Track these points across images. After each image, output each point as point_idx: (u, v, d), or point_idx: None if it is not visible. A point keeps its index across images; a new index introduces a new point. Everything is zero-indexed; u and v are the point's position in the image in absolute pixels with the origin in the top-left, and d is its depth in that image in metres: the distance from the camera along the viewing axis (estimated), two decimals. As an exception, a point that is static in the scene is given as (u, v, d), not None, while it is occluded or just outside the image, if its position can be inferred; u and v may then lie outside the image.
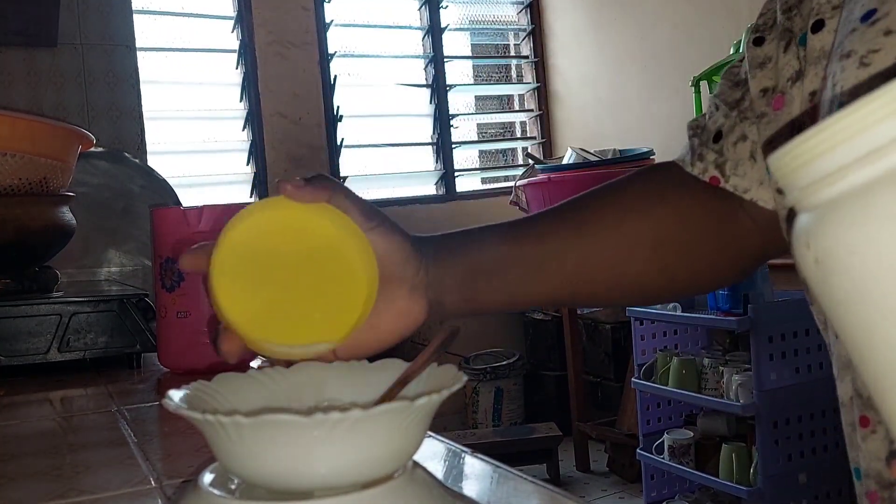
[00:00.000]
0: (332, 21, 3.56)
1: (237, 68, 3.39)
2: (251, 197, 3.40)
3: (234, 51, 3.38)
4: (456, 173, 3.88)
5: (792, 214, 0.29)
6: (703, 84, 2.77)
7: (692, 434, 2.37)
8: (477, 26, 4.11)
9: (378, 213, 0.52)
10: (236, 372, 0.47)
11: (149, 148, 2.51)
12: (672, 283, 0.61)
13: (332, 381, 0.48)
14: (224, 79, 3.38)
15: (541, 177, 3.02)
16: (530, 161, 3.58)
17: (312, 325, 0.49)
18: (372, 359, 0.49)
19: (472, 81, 4.10)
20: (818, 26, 0.53)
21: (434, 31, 3.84)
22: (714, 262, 0.61)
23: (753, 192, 0.56)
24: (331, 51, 3.55)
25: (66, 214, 1.14)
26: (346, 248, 0.49)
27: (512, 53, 4.20)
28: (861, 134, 0.25)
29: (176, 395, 0.42)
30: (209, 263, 0.48)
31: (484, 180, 4.07)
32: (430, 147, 3.89)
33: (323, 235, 0.49)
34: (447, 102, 3.86)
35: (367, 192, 3.68)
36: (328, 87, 3.54)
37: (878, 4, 0.47)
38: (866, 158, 0.25)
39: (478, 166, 4.11)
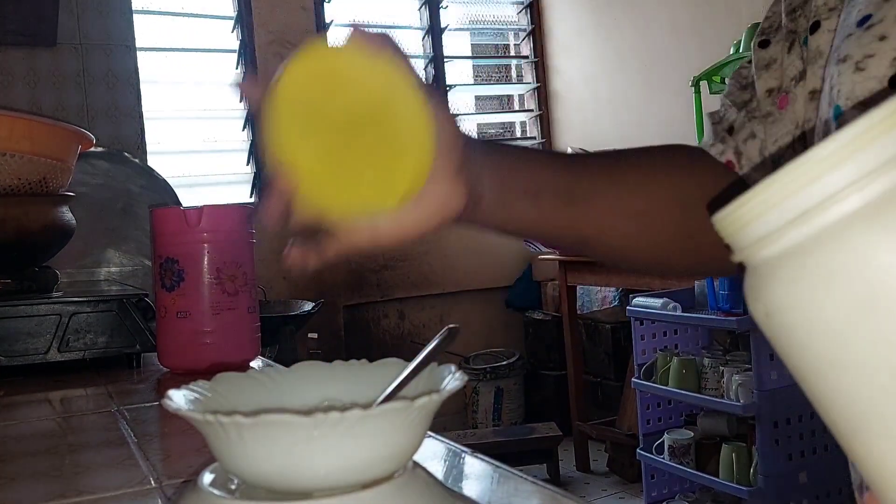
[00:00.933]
0: (332, 21, 3.56)
1: (237, 68, 3.39)
2: (251, 197, 3.40)
3: (234, 51, 3.38)
4: (456, 173, 3.88)
5: (742, 267, 0.30)
6: (703, 84, 2.77)
7: (692, 434, 2.37)
8: (477, 26, 4.11)
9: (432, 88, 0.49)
10: (236, 372, 0.47)
11: (149, 148, 2.51)
12: (696, 252, 0.61)
13: (333, 381, 0.48)
14: (224, 79, 3.38)
15: (541, 177, 3.01)
16: (530, 161, 3.58)
17: (365, 183, 0.45)
18: (372, 359, 0.49)
19: (472, 81, 4.10)
20: (815, 27, 0.55)
21: (434, 31, 3.84)
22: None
23: None
24: (331, 51, 3.55)
25: (66, 214, 1.14)
26: (408, 107, 0.46)
27: (512, 53, 4.20)
28: (791, 196, 0.27)
29: (176, 395, 0.42)
30: (266, 96, 0.44)
31: (484, 180, 4.08)
32: (430, 147, 3.89)
33: (386, 89, 0.45)
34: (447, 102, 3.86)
35: (367, 192, 3.68)
36: (328, 87, 3.54)
37: (873, 10, 0.48)
38: (798, 220, 0.27)
39: (478, 166, 4.11)
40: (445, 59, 3.87)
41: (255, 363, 0.99)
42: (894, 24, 0.47)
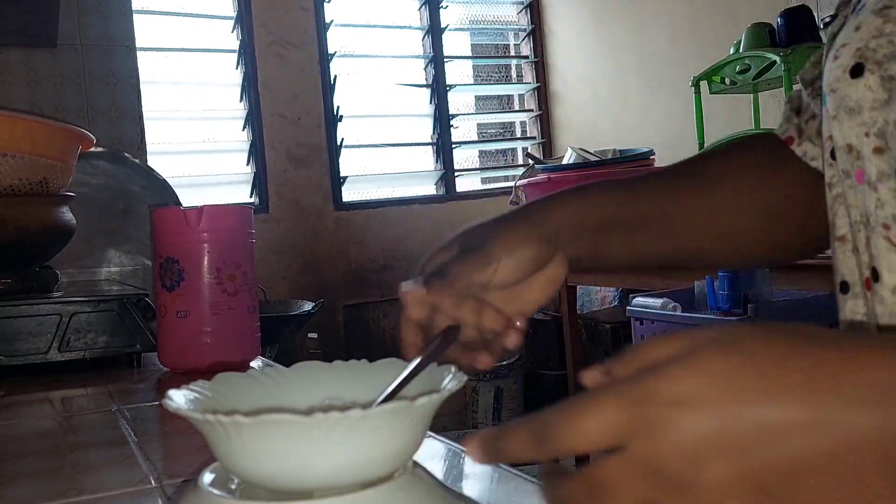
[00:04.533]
0: (332, 21, 3.56)
1: (237, 68, 3.38)
2: (251, 197, 3.40)
3: (234, 51, 3.38)
4: (456, 173, 3.88)
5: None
6: (703, 84, 2.77)
7: (692, 434, 2.37)
8: (477, 26, 4.11)
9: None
10: (236, 372, 0.47)
11: (149, 148, 2.50)
12: (776, 251, 0.63)
13: (333, 381, 0.48)
14: (224, 79, 3.38)
15: (541, 177, 3.01)
16: (530, 161, 3.58)
17: None
18: (372, 359, 0.49)
19: (472, 81, 4.10)
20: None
21: (434, 31, 3.84)
22: (817, 232, 0.61)
23: (818, 163, 0.58)
24: (331, 51, 3.55)
25: (66, 214, 1.14)
26: None
27: (512, 53, 4.20)
28: None
29: (176, 394, 0.42)
30: None
31: (484, 180, 4.07)
32: (430, 147, 3.88)
33: None
34: (447, 102, 3.86)
35: (367, 193, 3.68)
36: (328, 87, 3.54)
37: None
38: None
39: (478, 166, 4.11)
40: (445, 59, 3.87)
41: (255, 363, 0.99)
42: (870, 14, 0.47)
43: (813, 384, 0.28)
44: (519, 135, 4.20)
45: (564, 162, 3.15)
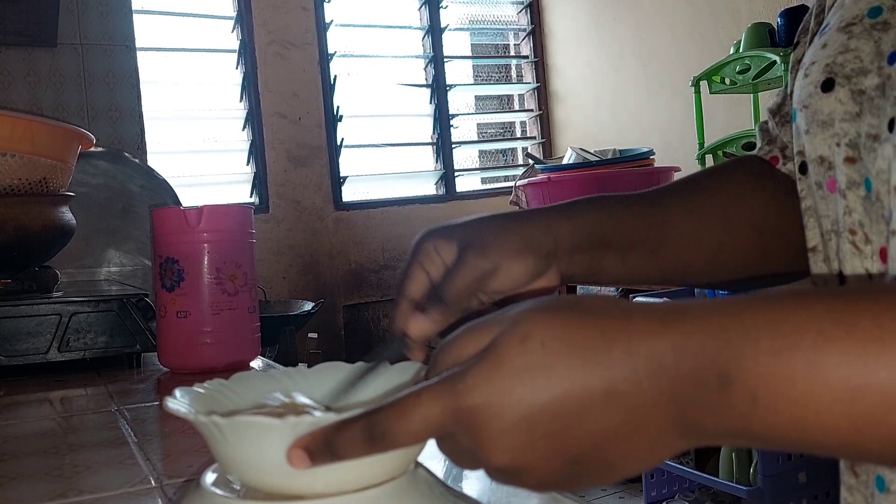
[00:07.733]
0: (332, 21, 3.56)
1: (237, 68, 3.38)
2: (251, 197, 3.40)
3: (234, 51, 3.38)
4: (456, 173, 3.88)
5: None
6: (703, 84, 2.77)
7: (692, 434, 2.37)
8: (477, 26, 4.11)
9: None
10: (255, 371, 0.47)
11: (149, 148, 2.50)
12: (766, 265, 0.64)
13: (351, 381, 0.48)
14: (224, 79, 3.38)
15: (541, 177, 3.02)
16: (530, 161, 3.58)
17: None
18: (394, 361, 0.49)
19: (472, 81, 4.10)
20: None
21: (434, 31, 3.84)
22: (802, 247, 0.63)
23: None
24: (331, 51, 3.55)
25: (66, 214, 1.14)
26: None
27: (512, 53, 4.20)
28: None
29: (180, 392, 0.41)
30: None
31: (484, 180, 4.07)
32: (430, 147, 3.88)
33: None
34: (447, 102, 3.86)
35: (367, 193, 3.68)
36: (328, 87, 3.54)
37: (829, 19, 0.50)
38: None
39: (478, 166, 4.11)
40: (445, 59, 3.87)
41: (255, 363, 0.99)
42: (835, 32, 0.48)
43: (598, 364, 0.33)
44: (519, 135, 4.20)
45: (564, 162, 3.14)
